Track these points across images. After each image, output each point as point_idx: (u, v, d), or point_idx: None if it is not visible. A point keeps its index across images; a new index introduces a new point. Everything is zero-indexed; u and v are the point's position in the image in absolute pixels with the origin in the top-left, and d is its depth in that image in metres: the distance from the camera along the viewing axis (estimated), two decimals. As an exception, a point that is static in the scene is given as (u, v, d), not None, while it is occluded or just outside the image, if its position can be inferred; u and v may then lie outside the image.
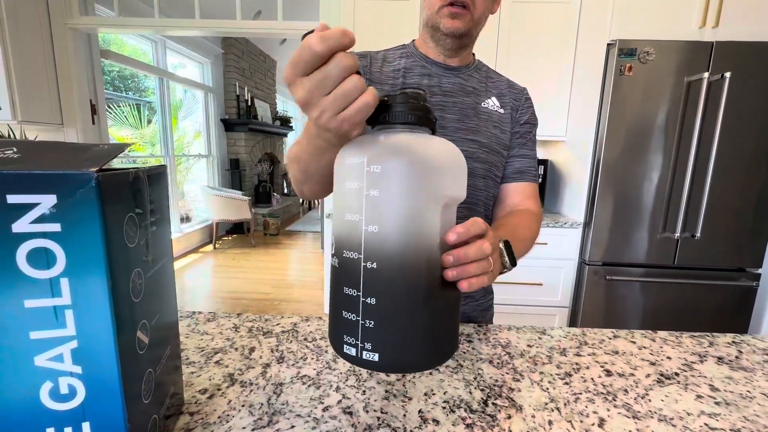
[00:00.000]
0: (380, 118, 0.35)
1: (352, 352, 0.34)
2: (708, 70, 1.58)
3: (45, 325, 0.25)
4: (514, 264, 0.50)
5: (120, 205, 0.28)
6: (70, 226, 0.25)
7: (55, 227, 0.25)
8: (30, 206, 0.24)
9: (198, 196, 4.65)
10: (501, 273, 0.51)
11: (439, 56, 0.73)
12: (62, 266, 0.25)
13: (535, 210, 0.74)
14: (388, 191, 0.31)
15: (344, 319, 0.34)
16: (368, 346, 0.33)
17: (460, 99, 0.72)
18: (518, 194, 0.75)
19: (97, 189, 0.25)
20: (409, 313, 0.33)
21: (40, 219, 0.24)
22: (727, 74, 1.53)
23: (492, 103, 0.74)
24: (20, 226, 0.24)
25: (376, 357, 0.33)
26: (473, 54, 0.78)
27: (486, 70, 0.78)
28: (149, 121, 4.20)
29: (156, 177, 0.35)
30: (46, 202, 0.24)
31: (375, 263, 0.32)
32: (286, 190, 6.87)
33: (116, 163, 0.34)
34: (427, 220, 0.33)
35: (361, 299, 0.33)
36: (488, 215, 0.76)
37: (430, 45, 0.73)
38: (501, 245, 0.49)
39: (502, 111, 0.74)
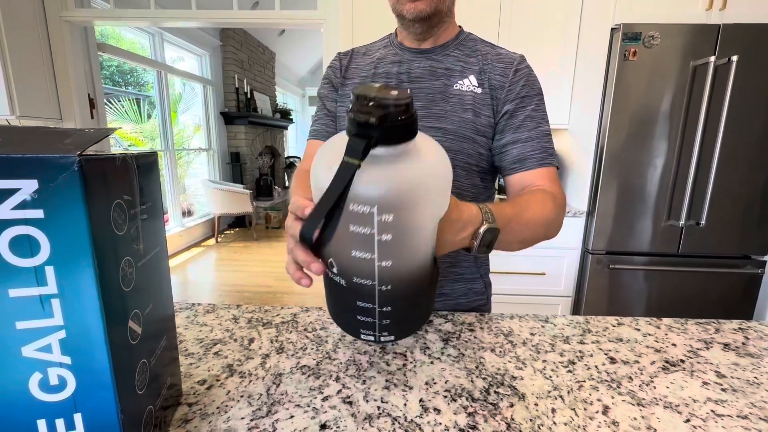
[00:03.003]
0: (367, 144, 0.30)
1: (371, 338, 0.40)
2: (714, 54, 1.54)
3: (31, 314, 0.25)
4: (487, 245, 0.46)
5: (106, 191, 0.27)
6: (54, 213, 0.24)
7: (38, 213, 0.24)
8: (10, 192, 0.23)
9: (199, 190, 4.65)
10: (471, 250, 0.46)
11: (413, 42, 0.71)
12: (47, 254, 0.24)
13: (549, 189, 0.62)
14: (401, 234, 0.33)
15: (360, 320, 0.39)
16: (385, 333, 0.40)
17: (428, 83, 0.68)
18: (524, 185, 0.65)
19: (80, 173, 0.24)
20: (416, 306, 0.41)
21: (22, 205, 0.23)
22: (734, 58, 1.50)
23: (468, 83, 0.67)
24: (1, 212, 0.23)
25: (392, 338, 0.41)
26: (459, 27, 0.73)
27: (473, 45, 0.71)
28: (149, 116, 4.19)
29: (146, 164, 0.34)
30: (27, 187, 0.23)
31: (389, 286, 0.36)
32: (287, 183, 6.86)
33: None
34: (430, 240, 0.38)
35: (377, 309, 0.37)
36: None
37: (403, 33, 0.71)
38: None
39: (479, 90, 0.67)
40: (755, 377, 0.48)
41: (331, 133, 0.77)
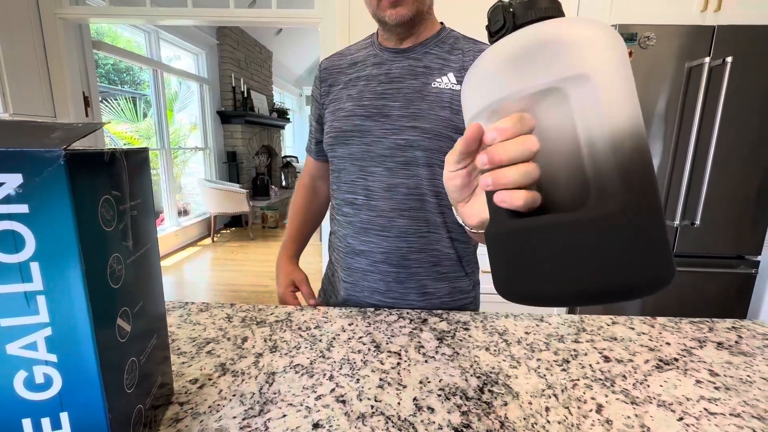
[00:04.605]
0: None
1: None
2: (709, 55, 1.55)
3: (16, 311, 0.24)
4: None
5: (94, 187, 0.26)
6: (39, 208, 0.23)
7: (23, 208, 0.23)
8: (-6, 186, 0.23)
9: (195, 190, 4.63)
10: None
11: (393, 42, 0.71)
12: (32, 250, 0.24)
13: None
14: None
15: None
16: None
17: (407, 83, 0.68)
18: None
19: (66, 168, 0.23)
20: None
21: (6, 200, 0.23)
22: (729, 59, 1.51)
23: (446, 80, 0.67)
24: (-16, 207, 0.23)
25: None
26: (441, 23, 0.73)
27: (454, 42, 0.70)
28: (145, 115, 4.16)
29: (136, 160, 0.33)
30: (12, 181, 0.23)
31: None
32: (284, 183, 6.84)
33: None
34: None
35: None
36: (443, 205, 0.69)
37: (385, 35, 0.71)
38: None
39: (458, 88, 0.66)
40: (748, 375, 0.48)
41: (313, 150, 0.85)
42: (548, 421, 0.39)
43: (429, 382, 0.45)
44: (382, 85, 0.69)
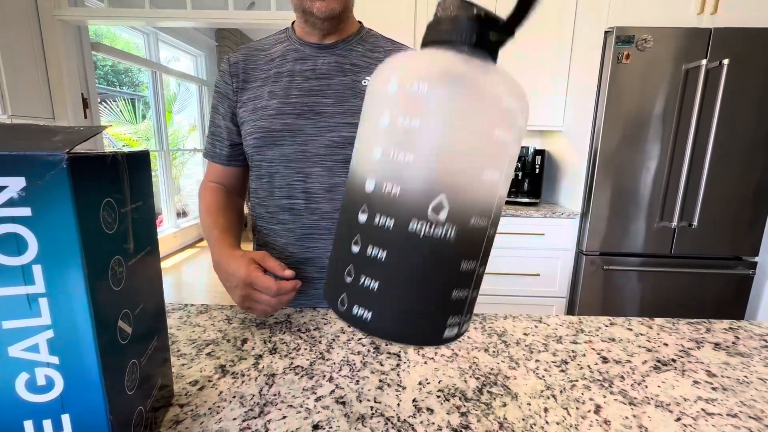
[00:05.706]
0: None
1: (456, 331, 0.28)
2: (706, 58, 1.56)
3: (18, 313, 0.24)
4: None
5: (95, 190, 0.26)
6: (41, 211, 0.24)
7: (25, 211, 0.23)
8: (-3, 189, 0.23)
9: (194, 191, 4.62)
10: None
11: (315, 37, 0.68)
12: (34, 253, 0.24)
13: None
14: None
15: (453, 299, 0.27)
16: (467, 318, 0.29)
17: (337, 79, 0.66)
18: None
19: (69, 171, 0.23)
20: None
21: (9, 203, 0.23)
22: (725, 61, 1.52)
23: None
24: (-13, 210, 0.23)
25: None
26: (359, 23, 0.72)
27: (375, 41, 0.70)
28: (144, 116, 4.16)
29: (137, 162, 0.34)
30: (15, 185, 0.23)
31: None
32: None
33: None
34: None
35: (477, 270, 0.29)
36: None
37: (306, 29, 0.68)
38: None
39: None
40: (745, 376, 0.48)
41: (225, 155, 0.74)
42: (547, 422, 0.39)
43: (428, 383, 0.45)
44: (310, 81, 0.66)
